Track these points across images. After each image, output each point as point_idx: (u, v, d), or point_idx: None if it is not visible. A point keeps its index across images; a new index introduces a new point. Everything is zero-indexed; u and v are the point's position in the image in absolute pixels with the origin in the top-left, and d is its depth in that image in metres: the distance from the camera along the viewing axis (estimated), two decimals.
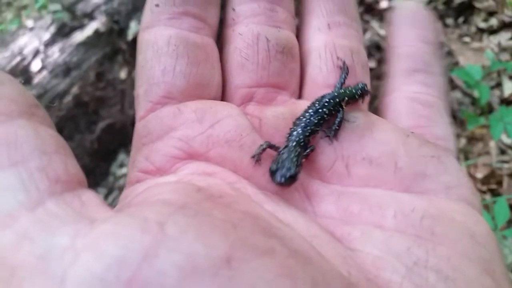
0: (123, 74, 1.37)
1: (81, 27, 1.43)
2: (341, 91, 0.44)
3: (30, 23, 1.51)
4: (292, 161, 0.37)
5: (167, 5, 0.41)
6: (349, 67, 0.45)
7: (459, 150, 1.41)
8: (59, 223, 0.23)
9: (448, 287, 0.30)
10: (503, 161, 1.39)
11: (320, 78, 0.45)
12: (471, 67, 1.28)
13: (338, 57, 0.45)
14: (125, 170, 1.29)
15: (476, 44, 1.71)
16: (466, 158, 1.40)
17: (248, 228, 0.26)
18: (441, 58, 0.48)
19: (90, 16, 1.44)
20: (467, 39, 1.73)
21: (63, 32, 1.43)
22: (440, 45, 0.49)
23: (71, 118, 1.25)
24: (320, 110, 0.41)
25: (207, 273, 0.22)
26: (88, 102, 1.28)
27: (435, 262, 0.31)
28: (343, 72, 0.45)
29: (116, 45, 1.39)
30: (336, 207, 0.37)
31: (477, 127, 1.40)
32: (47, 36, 1.43)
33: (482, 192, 1.32)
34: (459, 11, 1.78)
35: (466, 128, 1.33)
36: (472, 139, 1.45)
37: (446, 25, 1.76)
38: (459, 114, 1.44)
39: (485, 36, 1.74)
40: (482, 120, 1.33)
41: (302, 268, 0.25)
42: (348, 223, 0.35)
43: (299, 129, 0.40)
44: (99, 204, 0.26)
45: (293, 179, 0.36)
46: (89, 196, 0.27)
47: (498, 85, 1.59)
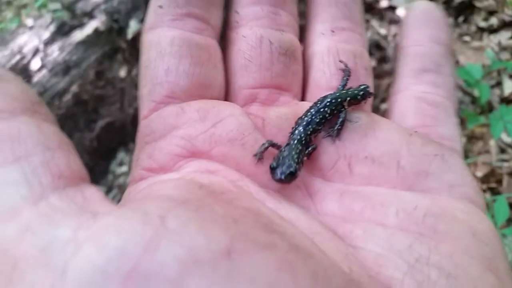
0: (122, 72, 1.37)
1: (81, 26, 1.43)
2: (343, 91, 0.44)
3: (30, 22, 1.51)
4: (293, 158, 0.37)
5: (170, 6, 0.41)
6: (351, 70, 0.45)
7: None
8: (62, 217, 0.24)
9: (450, 284, 0.30)
10: (503, 160, 1.39)
11: (323, 81, 0.45)
12: (471, 66, 1.28)
13: (341, 60, 0.46)
14: (124, 168, 1.29)
15: (476, 43, 1.71)
16: (466, 157, 1.40)
17: (249, 223, 0.26)
18: (452, 58, 0.48)
19: (90, 15, 1.44)
20: (467, 38, 1.72)
21: (62, 31, 1.43)
22: (451, 45, 0.49)
23: (70, 116, 1.25)
24: (322, 110, 0.42)
25: (207, 265, 0.22)
26: (87, 101, 1.28)
27: (437, 259, 0.31)
28: (345, 75, 0.45)
29: (115, 44, 1.39)
30: (338, 205, 0.37)
31: (477, 125, 1.40)
32: (46, 35, 1.43)
33: (482, 190, 1.32)
34: (459, 10, 1.78)
35: (466, 127, 1.33)
36: (472, 137, 1.45)
37: None
38: (459, 113, 1.44)
39: (485, 35, 1.74)
40: (482, 119, 1.33)
41: (303, 262, 0.25)
42: (350, 221, 0.35)
43: (300, 127, 0.40)
44: (101, 199, 0.27)
45: (293, 176, 0.36)
46: (91, 191, 0.27)
47: (498, 84, 1.59)
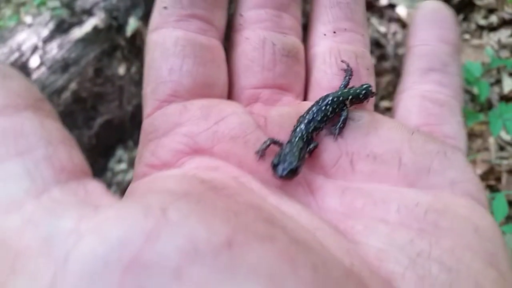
0: (121, 70, 1.37)
1: (80, 23, 1.43)
2: (345, 90, 0.44)
3: (28, 19, 1.51)
4: (294, 155, 0.37)
5: (175, 7, 0.41)
6: (353, 70, 0.46)
7: None
8: (64, 209, 0.24)
9: (451, 278, 0.30)
10: (502, 158, 1.39)
11: (325, 81, 0.46)
12: (471, 64, 1.28)
13: (343, 60, 0.46)
14: (123, 165, 1.29)
15: (476, 41, 1.71)
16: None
17: (250, 217, 0.26)
18: (459, 58, 0.48)
19: (89, 13, 1.44)
20: (467, 36, 1.72)
21: (61, 28, 1.43)
22: (459, 45, 0.49)
23: (69, 113, 1.24)
24: (324, 108, 0.42)
25: (208, 255, 0.22)
26: (86, 98, 1.28)
27: (438, 254, 0.31)
28: (347, 74, 0.45)
29: (114, 42, 1.39)
30: (340, 202, 0.37)
31: (476, 123, 1.40)
32: (45, 32, 1.42)
33: None
34: (459, 8, 1.77)
35: (465, 124, 1.33)
36: (471, 135, 1.45)
37: None
38: None
39: (485, 33, 1.74)
40: (481, 117, 1.33)
41: (303, 254, 0.25)
42: (351, 217, 0.35)
43: (302, 125, 0.41)
44: (103, 193, 0.27)
45: (294, 172, 0.36)
46: (93, 185, 0.27)
47: (498, 82, 1.59)
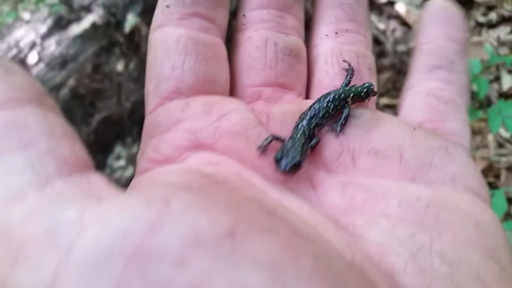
0: (120, 66, 1.36)
1: (78, 19, 1.42)
2: (347, 88, 0.45)
3: (26, 16, 1.50)
4: (297, 150, 0.38)
5: (177, 6, 0.42)
6: (355, 69, 0.46)
7: None
8: (67, 200, 0.24)
9: (452, 271, 0.30)
10: (501, 155, 1.39)
11: (326, 81, 0.46)
12: (470, 61, 1.28)
13: (344, 60, 0.47)
14: (121, 162, 1.29)
15: (475, 38, 1.71)
16: None
17: (252, 209, 0.27)
18: (466, 56, 0.48)
19: (87, 9, 1.44)
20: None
21: (60, 25, 1.42)
22: (467, 44, 0.49)
23: (67, 110, 1.24)
24: (326, 105, 0.42)
25: (210, 245, 0.22)
26: (84, 95, 1.28)
27: (440, 248, 0.31)
28: (348, 73, 0.46)
29: (113, 38, 1.39)
30: (341, 197, 0.37)
31: (475, 120, 1.40)
32: (43, 28, 1.42)
33: None
34: (459, 5, 1.77)
35: None
36: (470, 132, 1.45)
37: None
38: None
39: (484, 30, 1.74)
40: (481, 114, 1.33)
41: (305, 245, 0.25)
42: (352, 212, 0.35)
43: (304, 121, 0.41)
44: (106, 186, 0.27)
45: (297, 167, 0.37)
46: (96, 178, 0.27)
47: (497, 79, 1.59)
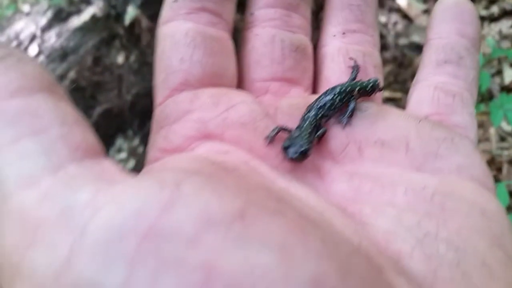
0: (120, 59, 1.36)
1: (78, 12, 1.41)
2: (353, 82, 0.46)
3: (26, 8, 1.49)
4: (304, 138, 0.39)
5: (185, 1, 0.43)
6: (361, 67, 0.48)
7: None
8: (81, 183, 0.25)
9: (458, 257, 0.30)
10: (502, 148, 1.39)
11: (333, 78, 0.47)
12: None
13: (351, 57, 0.48)
14: (123, 155, 1.29)
15: None
16: None
17: (260, 194, 0.28)
18: (477, 52, 0.49)
19: (87, 1, 1.43)
20: None
21: (60, 17, 1.41)
22: (479, 40, 0.50)
23: None
24: (332, 97, 0.44)
25: (222, 225, 0.23)
26: (85, 87, 1.27)
27: (446, 235, 0.32)
28: (354, 70, 0.47)
29: (113, 30, 1.38)
30: (348, 187, 0.37)
31: (477, 113, 1.39)
32: (43, 21, 1.41)
33: None
34: None
35: None
36: None
37: None
38: None
39: (486, 24, 1.73)
40: (482, 107, 1.33)
41: (313, 229, 0.26)
42: (359, 201, 0.36)
43: (311, 112, 0.42)
44: (118, 170, 0.28)
45: (305, 154, 0.38)
46: (108, 163, 0.28)
47: (499, 72, 1.58)
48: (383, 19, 1.80)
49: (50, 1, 1.42)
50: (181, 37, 0.41)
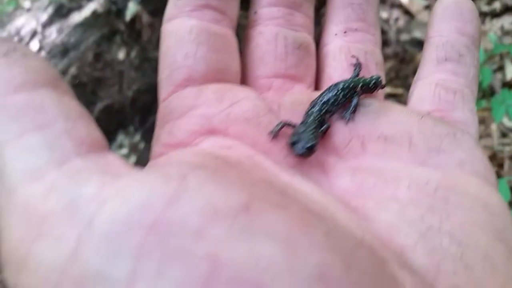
0: (121, 55, 1.36)
1: (79, 8, 1.41)
2: (356, 79, 0.46)
3: (27, 4, 1.49)
4: (310, 134, 0.39)
5: None
6: (362, 64, 0.48)
7: None
8: (86, 176, 0.25)
9: (461, 251, 0.30)
10: (504, 144, 1.39)
11: (336, 76, 0.48)
12: None
13: (353, 55, 0.48)
14: (124, 151, 1.29)
15: None
16: None
17: (265, 188, 0.28)
18: (477, 50, 0.49)
19: None
20: None
21: (60, 13, 1.41)
22: (479, 38, 0.50)
23: None
24: (335, 93, 0.44)
25: (227, 217, 0.23)
26: (86, 83, 1.27)
27: (449, 228, 0.32)
28: (356, 67, 0.48)
29: (114, 26, 1.38)
30: (352, 181, 0.37)
31: (478, 109, 1.39)
32: (44, 17, 1.41)
33: None
34: None
35: None
36: None
37: None
38: None
39: (488, 20, 1.73)
40: (484, 103, 1.33)
41: (316, 222, 0.26)
42: (363, 195, 0.36)
43: (314, 108, 0.42)
44: (123, 164, 0.28)
45: (312, 150, 0.38)
46: (113, 157, 0.28)
47: (500, 68, 1.58)
48: (384, 15, 1.79)
49: None
50: (185, 34, 0.41)
